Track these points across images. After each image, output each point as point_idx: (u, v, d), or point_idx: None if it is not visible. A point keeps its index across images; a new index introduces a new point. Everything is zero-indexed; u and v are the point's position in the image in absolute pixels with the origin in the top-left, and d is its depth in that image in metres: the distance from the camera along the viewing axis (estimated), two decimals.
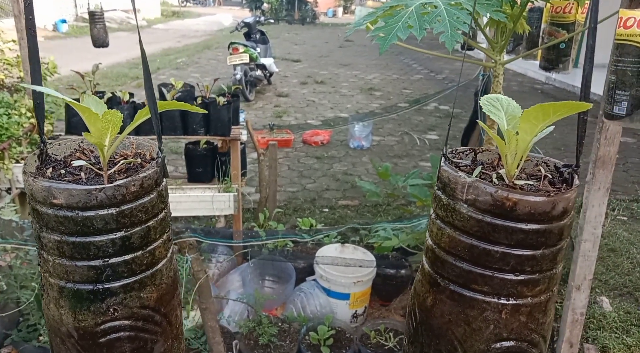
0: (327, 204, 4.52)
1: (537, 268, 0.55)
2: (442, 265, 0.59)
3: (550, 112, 0.59)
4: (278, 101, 8.17)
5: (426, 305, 0.60)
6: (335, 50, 13.87)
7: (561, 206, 0.54)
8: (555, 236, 0.55)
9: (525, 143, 0.61)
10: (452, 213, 0.57)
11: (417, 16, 1.58)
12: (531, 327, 0.54)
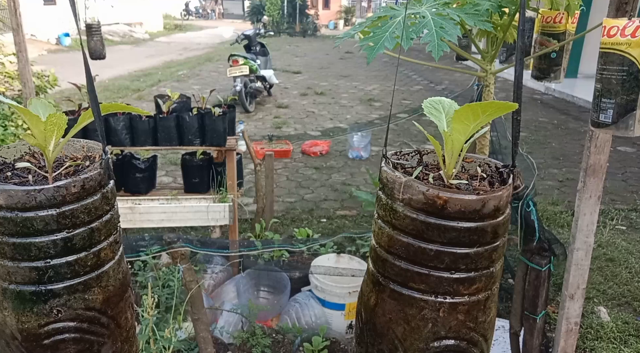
0: (325, 215, 4.51)
1: (472, 266, 0.55)
2: (383, 264, 0.60)
3: (479, 112, 0.60)
4: (278, 112, 8.20)
5: (370, 305, 0.60)
6: (336, 62, 13.97)
7: (492, 205, 0.55)
8: (489, 234, 0.56)
9: (459, 143, 0.61)
10: (390, 213, 0.58)
11: (403, 26, 1.60)
12: (470, 326, 0.54)
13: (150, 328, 1.79)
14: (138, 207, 2.79)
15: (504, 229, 0.58)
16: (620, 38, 1.36)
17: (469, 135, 0.61)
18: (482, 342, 0.55)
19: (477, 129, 0.61)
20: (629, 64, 1.36)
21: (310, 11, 23.15)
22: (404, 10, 1.67)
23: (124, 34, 19.08)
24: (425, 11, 1.67)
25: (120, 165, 3.17)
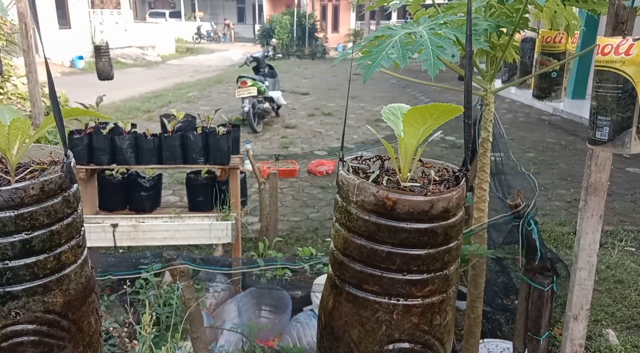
0: (330, 234, 4.49)
1: (424, 268, 0.55)
2: (339, 266, 0.60)
3: (427, 116, 0.61)
4: (285, 132, 8.27)
5: (328, 308, 0.60)
6: (344, 83, 14.10)
7: (440, 206, 0.55)
8: (440, 236, 0.56)
9: (411, 146, 0.62)
10: (345, 215, 0.58)
11: (400, 45, 1.62)
12: (424, 329, 0.53)
13: (147, 346, 1.78)
14: (141, 225, 2.81)
15: (456, 231, 0.58)
16: (615, 56, 1.37)
17: (420, 138, 0.62)
18: (438, 345, 0.55)
19: (428, 132, 0.62)
20: (623, 81, 1.37)
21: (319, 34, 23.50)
22: (401, 30, 1.70)
23: (137, 57, 19.48)
24: (422, 31, 1.69)
25: (126, 184, 3.20)
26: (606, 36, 1.68)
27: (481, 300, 2.41)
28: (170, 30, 24.45)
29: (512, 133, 8.31)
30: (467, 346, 2.47)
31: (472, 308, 2.40)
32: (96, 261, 2.68)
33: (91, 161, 2.89)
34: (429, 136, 0.63)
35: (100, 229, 2.77)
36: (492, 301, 3.22)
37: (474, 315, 2.42)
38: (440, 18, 1.80)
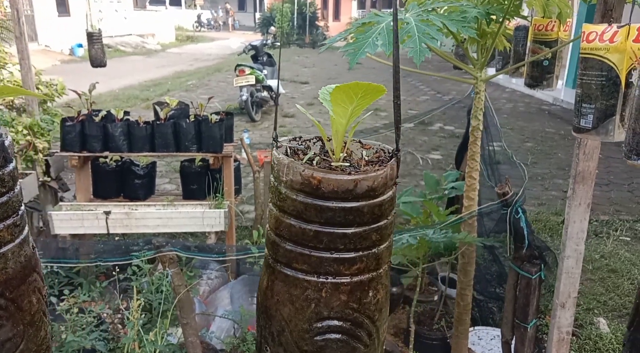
0: None
1: (351, 247, 0.56)
2: (272, 246, 0.61)
3: (352, 95, 0.61)
4: (284, 121, 8.25)
5: (263, 287, 0.61)
6: (344, 72, 14.03)
7: (365, 185, 0.55)
8: (366, 215, 0.56)
9: (342, 126, 0.62)
10: (276, 195, 0.59)
11: (386, 32, 1.61)
12: (353, 306, 0.54)
13: (135, 332, 1.80)
14: (134, 212, 2.82)
15: (384, 210, 0.58)
16: (599, 43, 1.36)
17: (349, 118, 0.62)
18: (368, 323, 0.55)
19: (357, 112, 0.62)
20: (607, 69, 1.36)
21: (320, 23, 23.34)
22: (388, 17, 1.69)
23: (136, 45, 19.39)
24: (409, 17, 1.68)
25: (120, 171, 3.20)
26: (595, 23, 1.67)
27: (470, 288, 2.42)
28: (170, 18, 24.30)
29: (511, 122, 8.28)
30: (457, 333, 2.49)
31: (462, 296, 2.42)
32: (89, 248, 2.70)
33: (84, 149, 2.89)
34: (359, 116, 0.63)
35: (93, 216, 2.79)
36: (485, 290, 3.24)
37: (463, 302, 2.43)
38: (429, 5, 1.79)
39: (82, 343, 2.02)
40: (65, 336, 2.04)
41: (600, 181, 5.41)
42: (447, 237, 2.05)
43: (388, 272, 0.61)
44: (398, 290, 2.99)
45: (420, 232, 2.12)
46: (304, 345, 0.54)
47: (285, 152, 0.63)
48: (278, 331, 0.55)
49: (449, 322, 2.76)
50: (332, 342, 0.53)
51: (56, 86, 5.63)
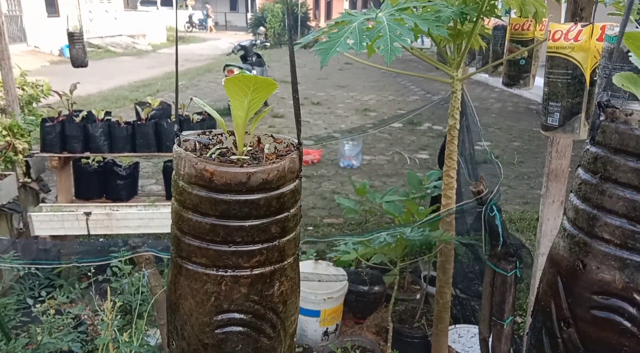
0: (312, 223, 4.52)
1: (249, 239, 0.56)
2: (174, 240, 0.61)
3: (244, 88, 0.62)
4: (273, 121, 8.25)
5: (168, 282, 0.61)
6: (334, 72, 14.05)
7: (259, 178, 0.56)
8: (263, 208, 0.57)
9: (241, 119, 0.63)
10: (176, 189, 0.60)
11: (358, 31, 1.62)
12: (254, 299, 0.55)
13: (110, 332, 1.79)
14: (115, 213, 2.81)
15: (283, 203, 0.59)
16: (564, 42, 1.38)
17: (248, 111, 0.62)
18: (271, 315, 0.56)
19: (255, 105, 0.62)
20: (573, 67, 1.37)
21: (311, 23, 23.35)
22: (361, 16, 1.69)
23: (127, 46, 19.30)
24: (381, 16, 1.69)
25: (102, 172, 3.19)
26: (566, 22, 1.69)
27: (450, 285, 2.43)
28: (161, 18, 24.21)
29: (499, 122, 8.33)
30: (437, 331, 2.50)
31: (441, 293, 2.43)
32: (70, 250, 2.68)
33: (64, 149, 2.87)
34: (259, 111, 0.63)
35: (73, 217, 2.77)
36: (468, 288, 3.25)
37: (442, 300, 2.44)
38: (402, 4, 1.80)
39: (58, 345, 2.01)
40: (42, 338, 2.03)
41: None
42: (424, 235, 2.06)
43: (295, 264, 0.61)
44: (380, 289, 3.00)
45: (398, 231, 2.13)
46: (205, 338, 0.54)
47: (193, 146, 0.63)
48: (181, 325, 0.56)
49: (430, 320, 2.77)
50: (234, 334, 0.54)
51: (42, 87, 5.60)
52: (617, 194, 0.54)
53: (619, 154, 0.53)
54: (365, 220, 4.32)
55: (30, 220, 2.79)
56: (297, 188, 0.59)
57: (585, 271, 0.59)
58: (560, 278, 0.64)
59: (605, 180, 0.55)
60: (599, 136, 0.58)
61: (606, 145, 0.55)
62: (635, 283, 0.55)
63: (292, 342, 0.60)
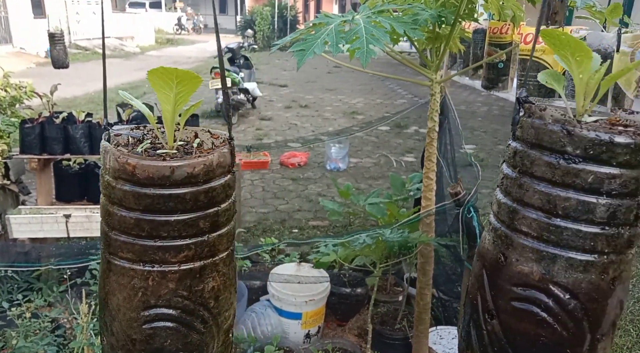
0: (297, 225, 4.51)
1: (175, 234, 0.56)
2: (103, 236, 0.61)
3: (168, 81, 0.62)
4: (261, 124, 8.24)
5: (99, 278, 0.61)
6: (323, 76, 14.08)
7: (184, 171, 0.56)
8: (189, 202, 0.57)
9: (169, 112, 0.63)
10: (103, 183, 0.60)
11: (335, 33, 1.63)
12: (183, 294, 0.55)
13: (85, 336, 1.78)
14: (95, 215, 2.78)
15: (212, 198, 0.59)
16: (536, 45, 1.39)
17: (175, 104, 0.62)
18: (202, 311, 0.56)
19: (183, 99, 0.62)
20: (544, 69, 1.39)
21: (301, 26, 23.38)
22: (338, 18, 1.70)
23: (115, 48, 19.17)
24: (358, 19, 1.70)
25: (83, 174, 3.16)
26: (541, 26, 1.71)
27: (430, 287, 2.44)
28: (150, 21, 24.09)
29: (485, 125, 8.41)
30: (418, 333, 2.50)
31: (421, 295, 2.44)
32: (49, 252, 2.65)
33: (44, 151, 2.84)
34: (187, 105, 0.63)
35: (52, 220, 2.74)
36: (450, 290, 3.27)
37: (423, 302, 2.45)
38: (379, 6, 1.81)
39: (33, 349, 1.98)
40: (16, 342, 2.00)
41: None
42: (403, 237, 2.07)
43: (229, 260, 0.61)
44: (362, 291, 3.00)
45: (378, 232, 2.13)
46: (133, 333, 0.54)
47: (126, 140, 0.63)
48: (110, 321, 0.55)
49: (411, 322, 2.78)
50: (162, 330, 0.54)
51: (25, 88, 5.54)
52: (534, 188, 0.56)
53: (534, 149, 0.55)
54: (350, 223, 4.32)
55: (8, 223, 2.75)
56: (228, 182, 0.59)
57: (506, 264, 0.60)
58: (485, 271, 0.65)
59: (523, 174, 0.57)
60: (518, 131, 0.59)
61: (524, 140, 0.57)
62: (550, 274, 0.56)
63: (227, 337, 0.60)
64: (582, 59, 0.63)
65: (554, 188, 0.53)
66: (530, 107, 0.60)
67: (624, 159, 0.52)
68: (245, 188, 5.39)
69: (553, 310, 0.56)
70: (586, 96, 0.64)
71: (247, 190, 5.33)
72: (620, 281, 0.56)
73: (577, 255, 0.55)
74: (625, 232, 0.55)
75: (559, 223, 0.54)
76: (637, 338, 2.85)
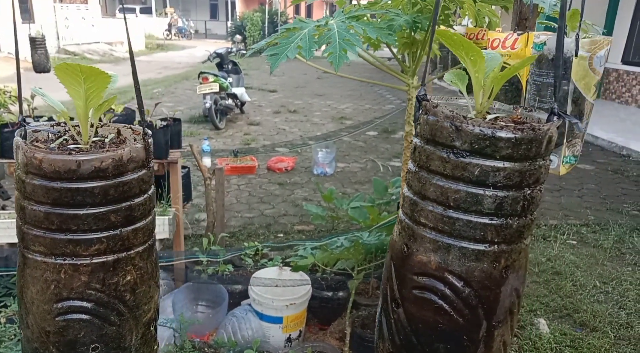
0: (283, 230, 4.51)
1: (85, 228, 0.57)
2: (18, 230, 0.62)
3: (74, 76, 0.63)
4: (249, 129, 8.24)
5: (17, 273, 0.62)
6: (313, 81, 14.13)
7: (91, 165, 0.57)
8: (99, 196, 0.58)
9: (81, 108, 0.64)
10: (16, 179, 0.61)
11: (308, 38, 1.64)
12: (96, 287, 0.56)
13: None
14: None
15: (123, 192, 0.60)
16: (502, 50, 1.42)
17: (87, 100, 0.63)
18: (117, 303, 0.57)
19: (95, 96, 0.63)
20: None
21: None
22: (312, 23, 1.72)
23: (104, 53, 19.10)
24: (332, 24, 1.72)
25: None
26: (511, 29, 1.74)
27: None
28: (140, 26, 24.03)
29: None
30: None
31: None
32: None
33: None
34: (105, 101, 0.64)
35: None
36: None
37: None
38: (353, 12, 1.83)
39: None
40: None
41: (552, 187, 5.58)
42: (379, 240, 2.08)
43: (146, 254, 0.62)
44: (344, 295, 3.01)
45: (355, 235, 2.15)
46: (47, 326, 0.54)
47: (45, 137, 0.64)
48: (25, 313, 0.56)
49: None
50: (75, 322, 0.54)
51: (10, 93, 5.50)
52: (430, 181, 0.58)
53: (430, 144, 0.57)
54: (333, 227, 4.33)
55: None
56: (143, 177, 0.60)
57: (408, 254, 0.62)
58: (392, 262, 0.67)
59: (421, 168, 0.60)
60: (418, 128, 0.62)
61: (422, 136, 0.60)
62: (446, 263, 0.58)
63: (147, 330, 0.60)
64: (475, 58, 0.66)
65: (446, 181, 0.56)
66: (426, 104, 0.63)
67: (507, 153, 0.55)
68: (232, 192, 5.38)
69: (449, 297, 0.58)
70: (484, 93, 0.67)
71: (233, 195, 5.32)
72: (513, 270, 0.58)
73: (470, 245, 0.57)
74: (514, 223, 0.57)
75: (451, 214, 0.57)
76: (614, 339, 2.88)
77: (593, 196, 5.38)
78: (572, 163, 1.24)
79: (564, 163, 1.21)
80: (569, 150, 1.21)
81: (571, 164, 1.23)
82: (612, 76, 10.38)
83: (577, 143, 1.21)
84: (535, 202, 0.61)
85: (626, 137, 7.43)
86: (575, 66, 1.14)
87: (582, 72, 1.14)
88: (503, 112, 0.70)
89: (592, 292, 3.42)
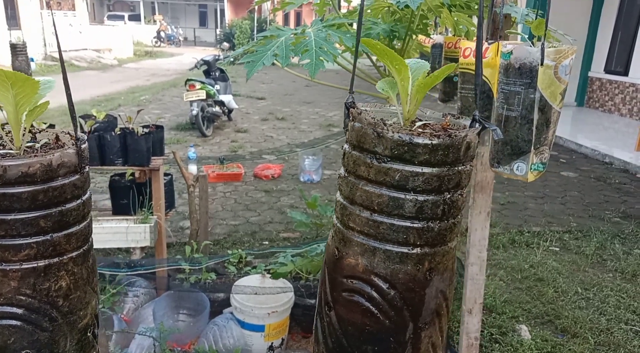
0: (268, 237, 4.50)
1: (14, 233, 0.57)
2: None
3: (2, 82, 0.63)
4: (236, 136, 8.23)
5: None
6: (301, 88, 14.18)
7: (18, 171, 0.58)
8: (26, 201, 0.58)
9: (11, 114, 0.65)
10: None
11: (285, 46, 1.66)
12: (26, 293, 0.56)
13: None
14: None
15: (53, 197, 0.60)
16: (473, 58, 1.44)
17: (16, 106, 0.63)
18: (49, 309, 0.57)
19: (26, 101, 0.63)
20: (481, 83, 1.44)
21: None
22: (289, 31, 1.74)
23: (92, 60, 19.00)
24: (309, 32, 1.73)
25: None
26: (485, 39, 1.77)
27: None
28: (128, 33, 23.97)
29: None
30: None
31: None
32: None
33: None
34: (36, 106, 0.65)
35: None
36: None
37: None
38: (330, 20, 1.85)
39: None
40: None
41: (535, 194, 5.64)
42: None
43: (80, 259, 0.62)
44: None
45: None
46: None
47: None
48: None
49: None
50: (4, 328, 0.55)
51: None
52: (357, 186, 0.60)
53: (356, 150, 0.60)
54: (317, 234, 4.33)
55: None
56: (76, 183, 0.60)
57: (339, 257, 0.64)
58: (326, 265, 0.69)
59: (350, 173, 0.62)
60: (347, 135, 0.64)
61: (350, 142, 0.62)
62: (372, 266, 0.60)
63: (84, 336, 0.60)
64: (400, 67, 0.68)
65: (371, 186, 0.58)
66: (353, 111, 0.65)
67: (424, 159, 0.58)
68: (217, 200, 5.37)
69: (375, 299, 0.60)
70: (410, 100, 0.69)
71: (219, 202, 5.31)
72: (437, 272, 0.60)
73: (394, 247, 0.59)
74: (435, 226, 0.59)
75: (376, 218, 0.59)
76: (594, 345, 2.91)
77: (576, 203, 5.45)
78: (541, 170, 1.26)
79: (532, 170, 1.23)
80: (537, 157, 1.23)
81: (539, 171, 1.25)
82: (595, 85, 10.55)
83: (545, 151, 1.23)
84: (457, 206, 0.63)
85: (609, 145, 7.54)
86: (541, 75, 1.16)
87: (548, 80, 1.16)
88: (433, 120, 0.71)
89: (574, 298, 3.45)
